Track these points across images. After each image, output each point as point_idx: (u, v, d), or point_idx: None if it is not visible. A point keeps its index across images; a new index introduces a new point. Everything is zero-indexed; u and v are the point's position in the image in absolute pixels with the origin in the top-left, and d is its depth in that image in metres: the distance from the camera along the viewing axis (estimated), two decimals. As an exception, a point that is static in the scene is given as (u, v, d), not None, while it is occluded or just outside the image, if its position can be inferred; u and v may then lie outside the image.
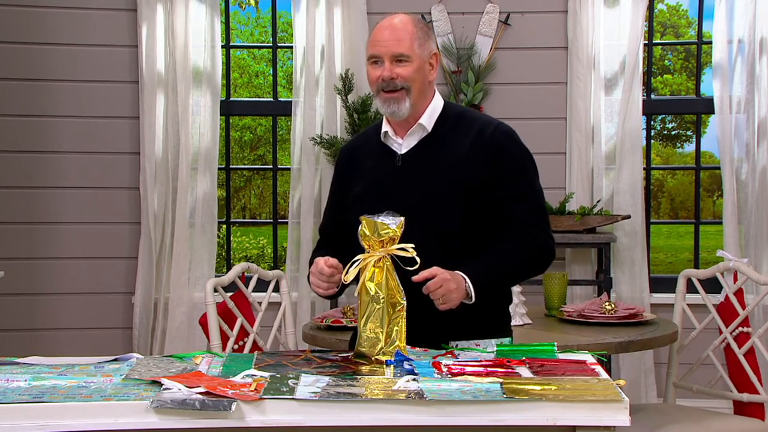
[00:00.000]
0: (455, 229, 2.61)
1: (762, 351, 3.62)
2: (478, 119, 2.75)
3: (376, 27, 2.70)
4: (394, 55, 2.63)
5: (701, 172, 5.43)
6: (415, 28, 2.67)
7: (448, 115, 2.73)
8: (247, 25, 13.90)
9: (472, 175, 2.63)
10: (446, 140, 2.69)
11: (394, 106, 2.65)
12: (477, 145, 2.66)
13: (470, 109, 2.87)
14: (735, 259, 3.74)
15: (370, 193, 2.69)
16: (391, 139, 2.73)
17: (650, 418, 3.53)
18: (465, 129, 2.70)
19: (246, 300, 3.52)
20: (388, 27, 2.66)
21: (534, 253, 2.67)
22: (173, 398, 1.99)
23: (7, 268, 5.00)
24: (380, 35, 2.66)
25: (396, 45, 2.63)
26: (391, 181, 2.68)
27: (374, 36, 2.68)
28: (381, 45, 2.64)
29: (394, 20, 2.68)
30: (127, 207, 5.21)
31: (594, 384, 2.13)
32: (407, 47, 2.63)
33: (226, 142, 5.53)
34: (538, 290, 4.19)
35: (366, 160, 2.76)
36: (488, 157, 2.65)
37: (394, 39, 2.63)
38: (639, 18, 5.01)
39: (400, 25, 2.66)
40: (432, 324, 2.58)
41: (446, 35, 5.14)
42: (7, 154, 5.15)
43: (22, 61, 5.15)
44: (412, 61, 2.64)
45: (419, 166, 2.67)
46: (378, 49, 2.65)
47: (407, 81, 2.63)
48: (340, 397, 2.02)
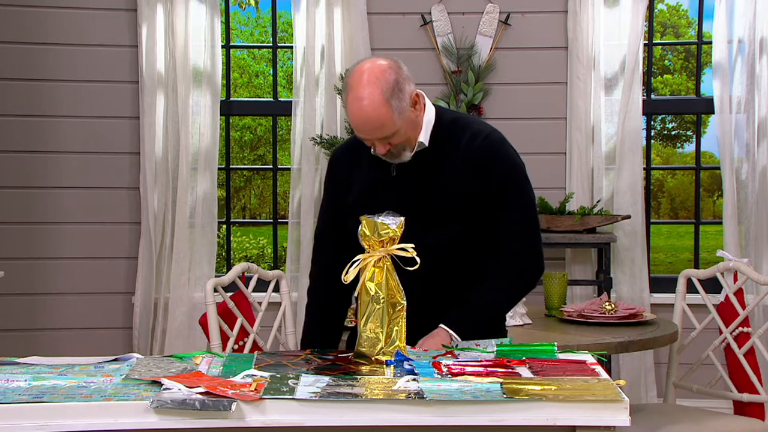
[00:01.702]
0: (447, 240, 2.62)
1: (762, 351, 3.62)
2: (469, 126, 2.70)
3: (349, 108, 2.54)
4: (380, 139, 2.57)
5: (701, 172, 5.43)
6: (388, 104, 2.50)
7: (442, 124, 2.69)
8: (247, 25, 13.90)
9: (466, 187, 2.63)
10: (440, 151, 2.66)
11: (397, 159, 2.64)
12: (469, 156, 2.64)
13: (462, 115, 2.81)
14: (735, 259, 3.74)
15: (362, 200, 2.67)
16: None
17: (650, 418, 3.52)
18: (459, 136, 2.67)
19: (246, 300, 3.52)
20: (362, 116, 2.51)
21: (517, 290, 2.72)
22: (173, 398, 1.99)
23: (7, 268, 5.00)
24: (358, 124, 2.54)
25: (378, 131, 2.54)
26: (384, 190, 2.67)
27: (352, 121, 2.56)
28: (363, 133, 2.57)
29: (363, 103, 2.50)
30: (127, 207, 5.21)
31: (594, 384, 2.13)
32: (390, 129, 2.53)
33: (226, 142, 5.53)
34: (538, 290, 4.16)
35: (359, 167, 2.74)
36: (480, 168, 2.63)
37: (373, 128, 2.53)
38: (639, 18, 5.01)
39: (373, 111, 2.49)
40: (432, 324, 2.59)
41: (446, 35, 5.14)
42: (7, 154, 5.15)
43: (22, 61, 5.15)
44: (398, 131, 2.56)
45: (414, 177, 2.66)
46: (362, 135, 2.58)
47: (401, 142, 2.59)
48: (340, 397, 2.02)
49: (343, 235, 2.71)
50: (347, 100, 2.56)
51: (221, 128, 5.30)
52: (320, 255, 2.88)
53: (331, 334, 2.85)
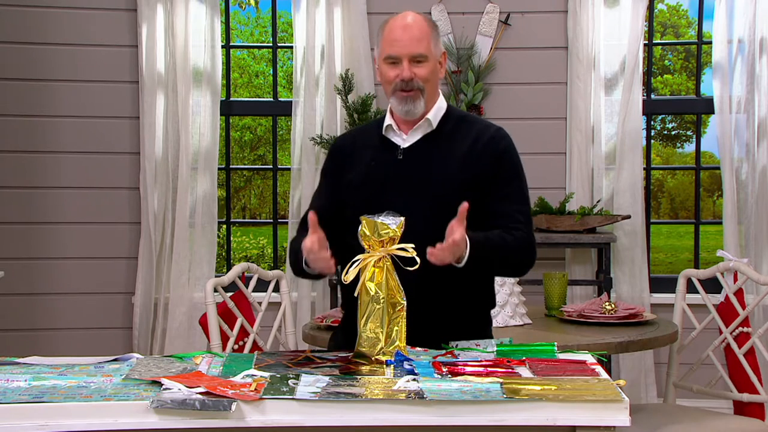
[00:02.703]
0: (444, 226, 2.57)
1: (762, 351, 3.62)
2: (479, 122, 2.81)
3: (389, 25, 2.69)
4: (414, 55, 2.64)
5: (701, 172, 5.43)
6: (430, 28, 2.67)
7: (451, 116, 2.77)
8: (247, 25, 13.89)
9: (472, 173, 2.66)
10: (449, 138, 2.72)
11: (410, 105, 2.66)
12: (477, 145, 2.70)
13: (471, 114, 2.91)
14: (735, 259, 3.74)
15: (367, 182, 2.70)
16: (394, 132, 2.75)
17: (650, 418, 3.52)
18: (467, 130, 2.74)
19: (246, 300, 3.52)
20: (404, 26, 2.65)
21: (524, 245, 2.68)
22: (173, 398, 1.99)
23: (7, 268, 5.00)
24: (397, 35, 2.65)
25: (415, 45, 2.63)
26: (390, 172, 2.69)
27: (390, 35, 2.66)
28: (399, 45, 2.64)
29: (408, 19, 2.67)
30: (127, 207, 5.21)
31: (594, 384, 2.13)
32: (425, 47, 2.64)
33: (226, 142, 5.53)
34: (538, 290, 4.19)
35: (364, 150, 2.77)
36: (488, 157, 2.68)
37: (412, 39, 2.63)
38: (639, 18, 5.01)
39: (416, 25, 2.65)
40: (431, 324, 2.59)
41: (446, 35, 5.14)
42: (7, 154, 5.15)
43: (22, 61, 5.15)
44: (429, 60, 2.66)
45: (420, 160, 2.69)
46: (396, 50, 2.64)
47: (423, 81, 2.65)
48: (340, 397, 2.02)
49: (339, 218, 2.69)
50: (388, 22, 2.69)
51: (221, 128, 5.30)
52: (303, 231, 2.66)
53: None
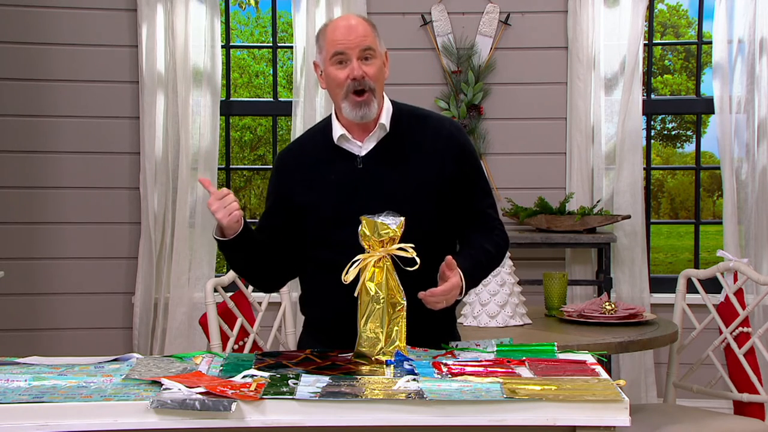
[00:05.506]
0: (420, 228, 2.55)
1: (762, 351, 3.63)
2: (431, 117, 2.78)
3: (331, 26, 2.65)
4: (363, 49, 2.60)
5: (701, 172, 5.43)
6: (372, 27, 2.65)
7: (401, 114, 2.72)
8: (247, 25, 13.89)
9: (436, 173, 2.65)
10: (405, 139, 2.68)
11: (365, 109, 2.61)
12: (437, 144, 2.67)
13: (417, 107, 2.83)
14: (735, 259, 3.74)
15: (330, 196, 2.65)
16: (347, 141, 2.68)
17: (650, 418, 3.53)
18: (421, 127, 2.71)
19: (246, 300, 3.52)
20: (348, 26, 2.62)
21: (503, 245, 2.76)
22: (173, 398, 1.99)
23: (7, 268, 5.00)
24: (343, 32, 2.61)
25: (363, 39, 2.60)
26: (352, 183, 2.64)
27: (335, 35, 2.61)
28: (347, 41, 2.60)
29: (351, 20, 2.64)
30: (127, 207, 5.21)
31: (594, 384, 2.13)
32: (372, 41, 2.62)
33: (226, 142, 5.53)
34: (538, 290, 4.19)
35: (318, 165, 2.71)
36: (450, 155, 2.67)
37: (358, 35, 2.60)
38: (639, 18, 5.01)
39: (360, 23, 2.63)
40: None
41: (446, 35, 5.14)
42: (7, 154, 5.15)
43: (22, 61, 5.14)
44: (376, 57, 2.63)
45: (382, 166, 2.65)
46: (344, 45, 2.60)
47: (373, 80, 2.61)
48: (340, 397, 2.02)
49: (292, 241, 2.72)
50: (328, 25, 2.66)
51: (221, 128, 5.30)
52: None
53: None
